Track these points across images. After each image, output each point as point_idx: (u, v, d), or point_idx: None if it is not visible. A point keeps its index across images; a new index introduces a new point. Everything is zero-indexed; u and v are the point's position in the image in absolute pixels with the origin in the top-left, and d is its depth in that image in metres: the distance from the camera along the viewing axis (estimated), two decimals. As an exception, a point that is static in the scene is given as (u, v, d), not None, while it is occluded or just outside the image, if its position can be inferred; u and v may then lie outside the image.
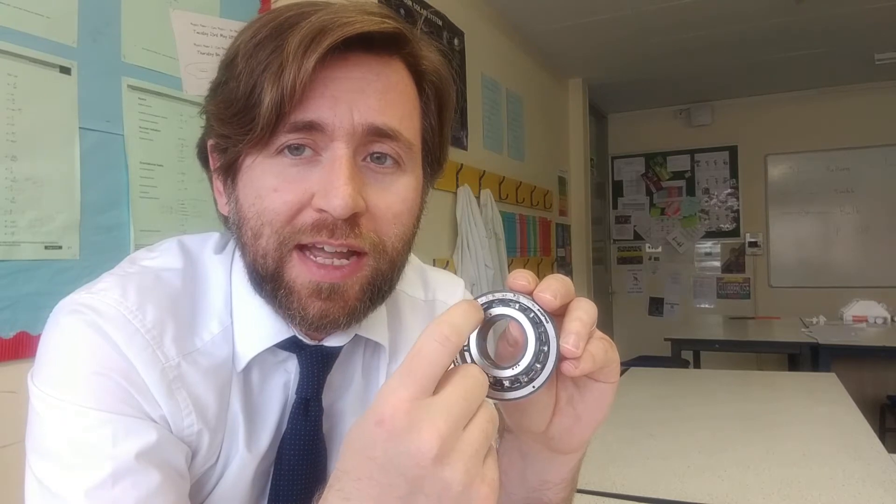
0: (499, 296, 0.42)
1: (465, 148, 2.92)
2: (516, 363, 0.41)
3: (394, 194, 0.54)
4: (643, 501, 1.13)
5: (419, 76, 0.57)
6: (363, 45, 0.51)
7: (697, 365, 4.00)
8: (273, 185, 0.51)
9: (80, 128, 1.21)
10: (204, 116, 0.57)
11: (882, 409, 3.48)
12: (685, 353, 3.85)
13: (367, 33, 0.50)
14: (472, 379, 0.37)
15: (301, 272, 0.52)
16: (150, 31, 1.35)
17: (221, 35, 1.48)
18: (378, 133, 0.52)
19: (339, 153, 0.50)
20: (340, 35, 0.48)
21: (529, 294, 0.42)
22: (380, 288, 0.55)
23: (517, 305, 0.42)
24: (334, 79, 0.50)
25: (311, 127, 0.50)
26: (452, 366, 0.38)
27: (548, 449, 0.50)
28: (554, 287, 0.42)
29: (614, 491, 1.16)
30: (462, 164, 2.83)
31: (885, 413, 3.49)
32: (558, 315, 0.42)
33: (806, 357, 3.19)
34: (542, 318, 0.41)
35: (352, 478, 0.37)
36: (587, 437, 0.50)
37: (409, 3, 2.48)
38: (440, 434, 0.35)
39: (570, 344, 0.40)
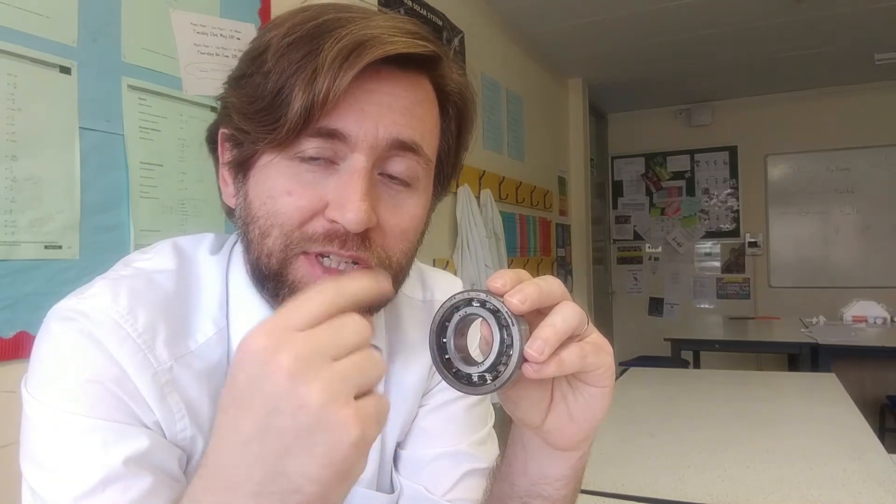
0: (474, 295, 0.44)
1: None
2: (482, 362, 0.43)
3: (404, 212, 0.54)
4: (643, 501, 1.13)
5: (443, 96, 0.57)
6: (397, 63, 0.51)
7: (697, 365, 4.00)
8: (287, 187, 0.51)
9: (80, 128, 1.21)
10: (220, 105, 0.57)
11: (882, 409, 3.48)
12: (685, 353, 3.85)
13: (405, 54, 0.50)
14: (348, 320, 0.38)
15: (307, 274, 0.52)
16: (150, 31, 1.35)
17: (221, 35, 1.48)
18: (401, 147, 0.52)
19: (358, 165, 0.50)
20: (382, 53, 0.48)
21: (502, 296, 0.43)
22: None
23: (488, 306, 0.43)
24: (364, 91, 0.50)
25: (334, 135, 0.50)
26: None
27: (546, 444, 0.51)
28: (526, 292, 0.42)
29: (614, 491, 1.16)
30: (462, 164, 2.83)
31: (885, 413, 3.48)
32: (538, 318, 0.43)
33: (806, 357, 3.19)
34: (509, 321, 0.42)
35: (219, 411, 0.38)
36: (583, 436, 0.50)
37: (410, 2, 2.48)
38: (297, 352, 0.35)
39: (533, 349, 0.42)
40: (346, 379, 0.36)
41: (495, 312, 0.43)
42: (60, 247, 1.17)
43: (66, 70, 1.19)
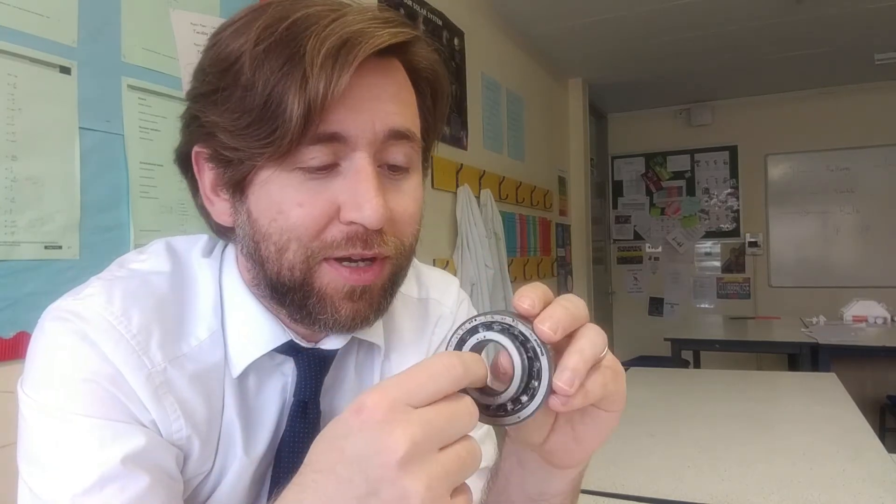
0: (498, 318, 0.40)
1: (465, 148, 2.92)
2: (502, 392, 0.41)
3: (408, 196, 0.55)
4: (643, 501, 1.13)
5: (415, 74, 0.56)
6: (374, 53, 0.50)
7: (697, 365, 4.00)
8: (297, 199, 0.50)
9: (80, 128, 1.20)
10: (187, 123, 0.55)
11: (882, 409, 3.48)
12: (685, 353, 3.84)
13: (392, 44, 0.50)
14: (462, 406, 0.37)
15: (334, 278, 0.52)
16: (150, 31, 1.35)
17: (221, 35, 1.48)
18: (396, 136, 0.52)
19: (362, 163, 0.50)
20: (372, 47, 0.47)
21: (531, 320, 0.40)
22: (396, 282, 0.56)
23: (515, 332, 0.40)
24: (351, 87, 0.49)
25: (334, 138, 0.49)
26: None
27: (545, 461, 0.49)
28: (556, 318, 0.40)
29: (614, 491, 1.16)
30: (462, 164, 2.83)
31: (885, 413, 3.48)
32: (561, 342, 0.41)
33: (806, 357, 3.19)
34: (538, 351, 0.39)
35: (313, 469, 0.37)
36: (585, 456, 0.49)
37: (410, 2, 2.48)
38: (413, 438, 0.34)
39: (563, 381, 0.39)
40: (448, 475, 0.35)
41: (523, 341, 0.40)
42: (60, 247, 1.17)
43: (65, 70, 1.19)
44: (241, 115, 0.49)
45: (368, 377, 0.65)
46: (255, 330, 0.57)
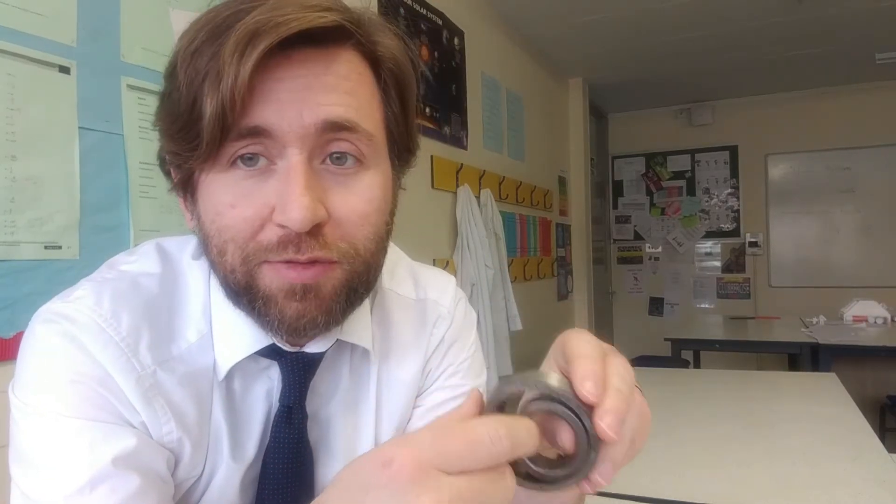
0: (563, 397, 0.38)
1: (465, 148, 2.92)
2: (554, 469, 0.39)
3: (357, 195, 0.51)
4: (643, 501, 1.12)
5: (375, 64, 0.53)
6: (306, 42, 0.47)
7: (697, 365, 4.00)
8: (229, 200, 0.48)
9: (79, 127, 1.21)
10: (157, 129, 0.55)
11: (882, 409, 3.48)
12: (685, 353, 3.84)
13: (304, 31, 0.46)
14: (499, 483, 0.35)
15: (275, 278, 0.50)
16: (149, 30, 1.35)
17: (221, 35, 1.48)
18: (334, 128, 0.49)
19: (292, 160, 0.47)
20: (276, 36, 0.45)
21: (591, 408, 0.37)
22: (355, 289, 0.53)
23: (577, 420, 0.37)
24: (278, 80, 0.47)
25: (257, 132, 0.47)
26: None
27: None
28: (617, 411, 0.37)
29: (614, 491, 1.16)
30: (462, 164, 2.83)
31: (885, 413, 3.48)
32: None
33: (806, 357, 3.19)
34: (589, 445, 0.37)
35: None
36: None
37: (410, 2, 2.48)
38: None
39: (602, 475, 0.38)
40: None
41: (583, 429, 0.38)
42: (60, 247, 1.17)
43: (65, 70, 1.19)
44: (176, 119, 0.48)
45: (364, 384, 0.64)
46: (236, 333, 0.56)
